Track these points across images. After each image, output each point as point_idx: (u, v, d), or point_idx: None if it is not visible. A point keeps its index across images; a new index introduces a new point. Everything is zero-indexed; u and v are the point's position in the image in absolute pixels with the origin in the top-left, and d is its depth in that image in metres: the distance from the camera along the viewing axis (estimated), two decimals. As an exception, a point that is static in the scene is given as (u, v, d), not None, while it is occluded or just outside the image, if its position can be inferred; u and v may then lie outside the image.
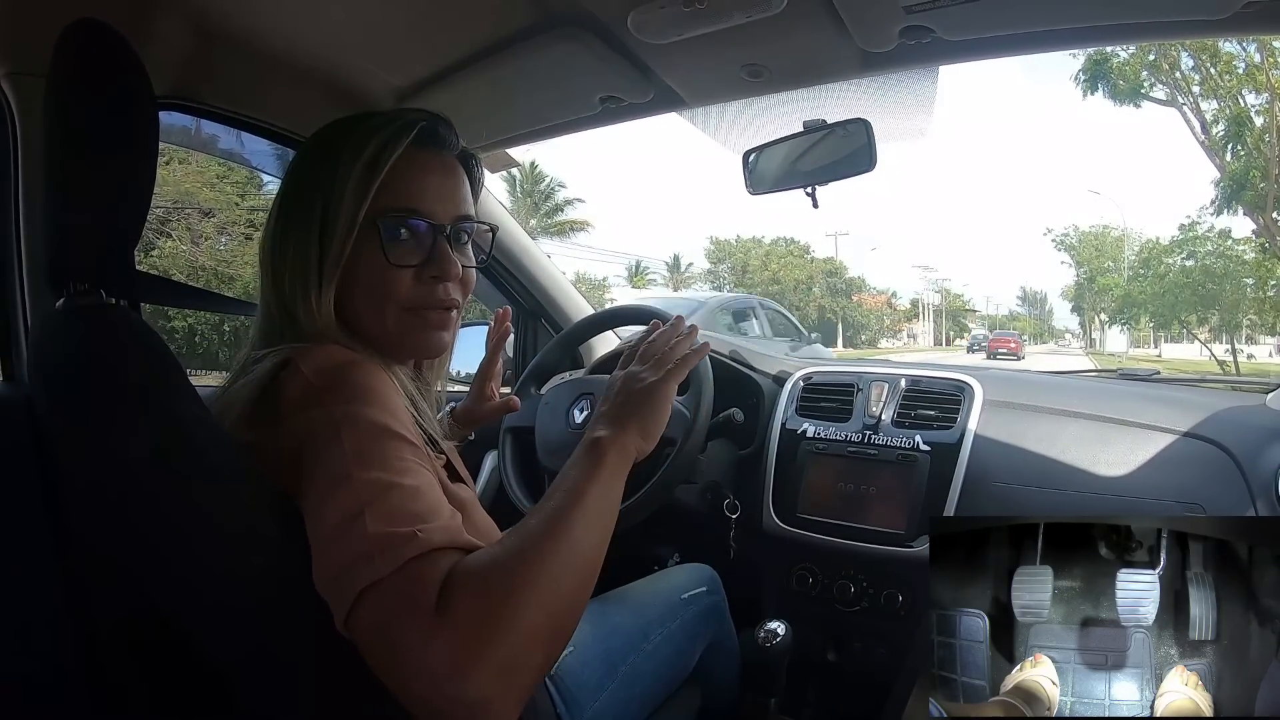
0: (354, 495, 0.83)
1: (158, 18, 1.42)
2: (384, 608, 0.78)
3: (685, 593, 1.67)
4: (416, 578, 0.79)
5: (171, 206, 17.72)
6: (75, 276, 0.98)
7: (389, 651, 0.77)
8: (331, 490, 0.85)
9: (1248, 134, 20.22)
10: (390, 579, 0.78)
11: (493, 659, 0.76)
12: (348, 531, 0.81)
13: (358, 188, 1.04)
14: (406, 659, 0.76)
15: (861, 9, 1.34)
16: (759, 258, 51.08)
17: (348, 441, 0.87)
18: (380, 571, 0.78)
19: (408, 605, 0.77)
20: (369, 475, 0.85)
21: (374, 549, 0.79)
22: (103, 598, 1.23)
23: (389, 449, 0.89)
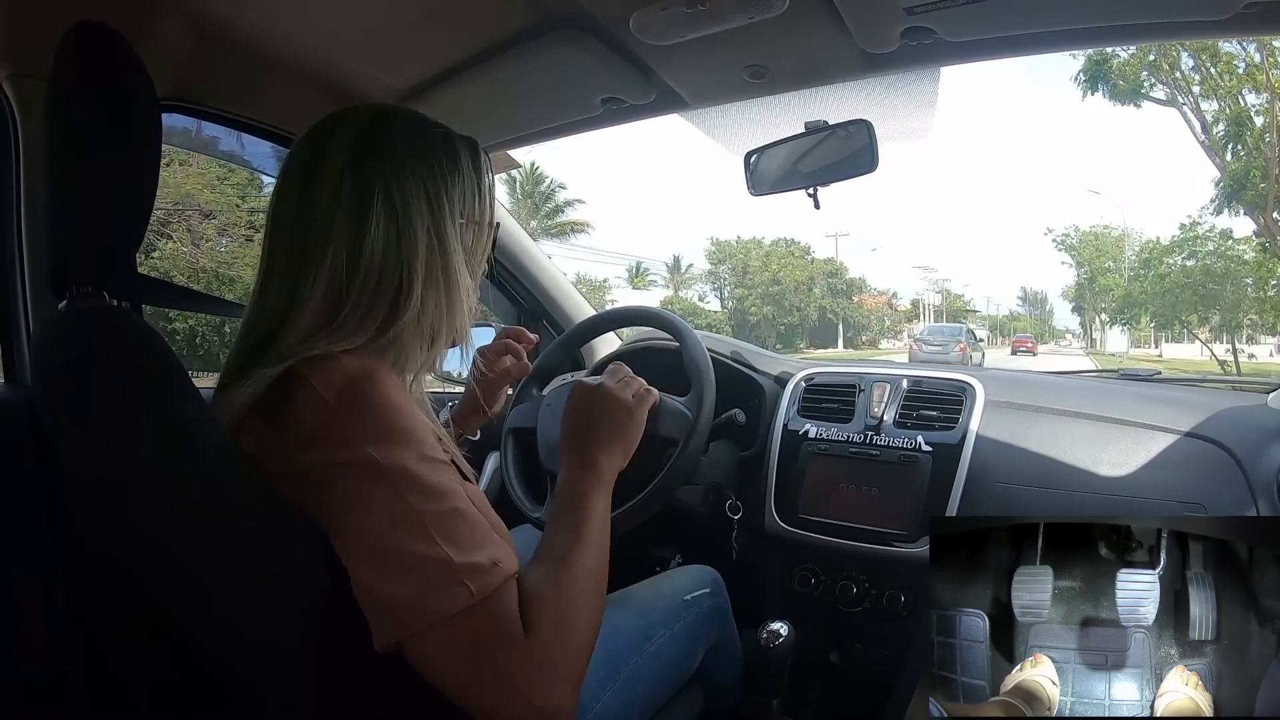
0: (420, 524, 0.88)
1: (158, 20, 1.42)
2: (474, 632, 0.86)
3: (688, 594, 1.67)
4: (503, 604, 0.88)
5: (172, 208, 17.75)
6: (77, 279, 0.98)
7: (478, 674, 0.86)
8: (391, 521, 0.88)
9: (1248, 134, 20.23)
10: (480, 606, 0.86)
11: (567, 673, 0.90)
12: (424, 559, 0.87)
13: (490, 199, 1.12)
14: (499, 678, 0.86)
15: (863, 10, 1.34)
16: (759, 259, 51.02)
17: (398, 478, 0.89)
18: (468, 599, 0.86)
19: (499, 629, 0.87)
20: (430, 506, 0.89)
21: (462, 576, 0.86)
22: (103, 598, 1.23)
23: (436, 476, 0.92)
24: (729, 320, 47.97)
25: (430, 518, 0.88)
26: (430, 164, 1.06)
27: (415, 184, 1.04)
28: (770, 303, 49.40)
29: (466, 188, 1.08)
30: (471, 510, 0.93)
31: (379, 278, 1.01)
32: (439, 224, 1.04)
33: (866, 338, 59.78)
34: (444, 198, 1.05)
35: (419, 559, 0.86)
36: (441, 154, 1.08)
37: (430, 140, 1.09)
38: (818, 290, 52.22)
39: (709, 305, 51.52)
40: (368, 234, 1.01)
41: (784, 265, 50.57)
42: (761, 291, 49.60)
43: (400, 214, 1.02)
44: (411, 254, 1.02)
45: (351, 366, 0.96)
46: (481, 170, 1.10)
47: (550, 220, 42.45)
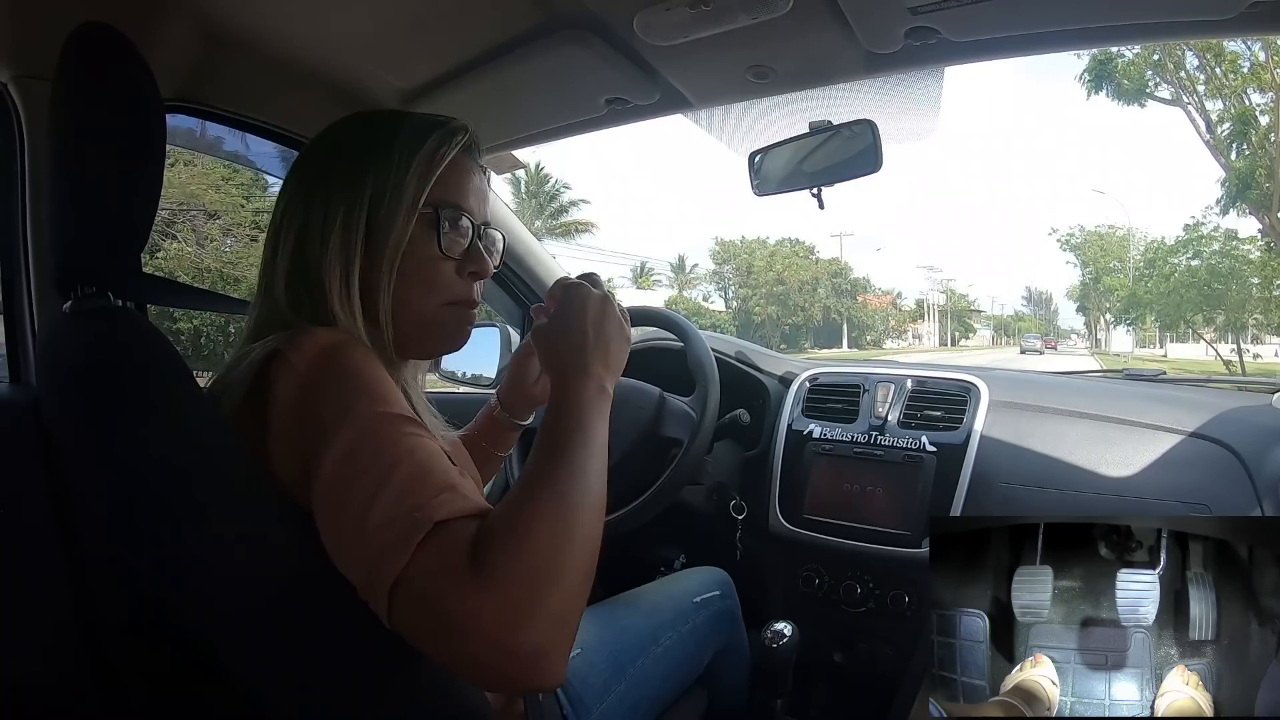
0: (354, 498, 0.83)
1: (163, 21, 1.42)
2: (418, 590, 0.78)
3: (698, 596, 1.67)
4: (440, 550, 0.79)
5: (177, 209, 17.77)
6: (82, 279, 0.98)
7: (435, 628, 0.78)
8: (336, 498, 0.85)
9: (1253, 133, 20.20)
10: (411, 566, 0.78)
11: (545, 607, 0.78)
12: (359, 536, 0.82)
13: (419, 176, 1.07)
14: (458, 629, 0.76)
15: (867, 10, 1.34)
16: (764, 259, 51.08)
17: (343, 442, 0.86)
18: (399, 563, 0.78)
19: (439, 581, 0.78)
20: (365, 475, 0.84)
21: (384, 545, 0.79)
22: (109, 599, 1.23)
23: (385, 433, 0.88)
24: (733, 320, 48.03)
25: (361, 484, 0.83)
26: (355, 157, 1.09)
27: (330, 179, 1.08)
28: (775, 303, 49.45)
29: (389, 176, 1.06)
30: (420, 462, 0.86)
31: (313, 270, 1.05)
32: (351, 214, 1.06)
33: (871, 338, 59.79)
34: (357, 189, 1.06)
35: (354, 539, 0.82)
36: (371, 145, 1.10)
37: (367, 133, 1.12)
38: (822, 290, 52.27)
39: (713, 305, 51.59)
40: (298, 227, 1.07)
41: (788, 265, 50.63)
42: (766, 291, 49.65)
43: (318, 208, 1.06)
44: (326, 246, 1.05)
45: (325, 337, 0.96)
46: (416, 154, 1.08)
47: (555, 220, 42.50)
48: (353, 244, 1.05)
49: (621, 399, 1.86)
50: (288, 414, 0.92)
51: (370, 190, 1.06)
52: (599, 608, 1.12)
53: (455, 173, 1.11)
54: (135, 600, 1.11)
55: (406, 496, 0.82)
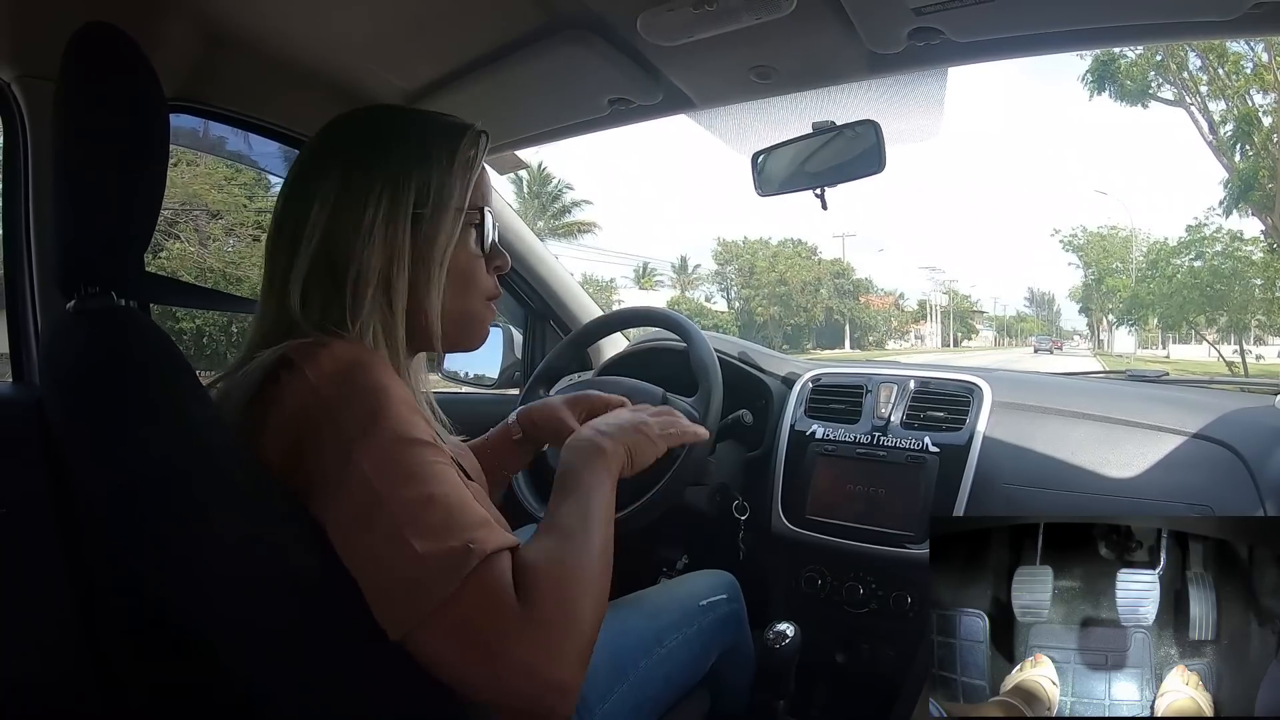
0: (392, 517, 0.85)
1: (165, 21, 1.42)
2: (461, 618, 0.83)
3: (704, 599, 1.66)
4: (488, 584, 0.84)
5: (179, 208, 17.78)
6: (86, 279, 0.98)
7: (476, 655, 0.83)
8: (366, 515, 0.87)
9: (1256, 134, 20.19)
10: (459, 592, 0.83)
11: (574, 646, 0.87)
12: (398, 555, 0.84)
13: (463, 178, 1.10)
14: (500, 657, 0.83)
15: (870, 11, 1.34)
16: (766, 259, 51.05)
17: (369, 462, 0.88)
18: (447, 589, 0.82)
19: (489, 611, 0.84)
20: (402, 493, 0.87)
21: (432, 569, 0.83)
22: (111, 598, 1.23)
23: (412, 459, 0.90)
24: (735, 321, 48.03)
25: (400, 507, 0.86)
26: (388, 154, 1.08)
27: (368, 176, 1.06)
28: (777, 303, 49.44)
29: (433, 176, 1.07)
30: (450, 493, 0.90)
31: (343, 270, 1.04)
32: (396, 213, 1.05)
33: (873, 338, 59.79)
34: (401, 187, 1.06)
35: (390, 558, 0.85)
36: (405, 143, 1.10)
37: (396, 130, 1.12)
38: (824, 291, 52.29)
39: (715, 306, 51.59)
40: (326, 227, 1.05)
41: (791, 266, 50.62)
42: (768, 292, 49.63)
43: (356, 206, 1.05)
44: (368, 245, 1.04)
45: (342, 353, 0.96)
46: (455, 157, 1.10)
47: (557, 220, 42.55)
48: (399, 243, 1.05)
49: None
50: (302, 427, 0.92)
51: (414, 189, 1.06)
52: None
53: (482, 175, 1.14)
54: (136, 600, 1.11)
55: (450, 525, 0.86)
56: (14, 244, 1.46)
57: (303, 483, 0.91)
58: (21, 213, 1.44)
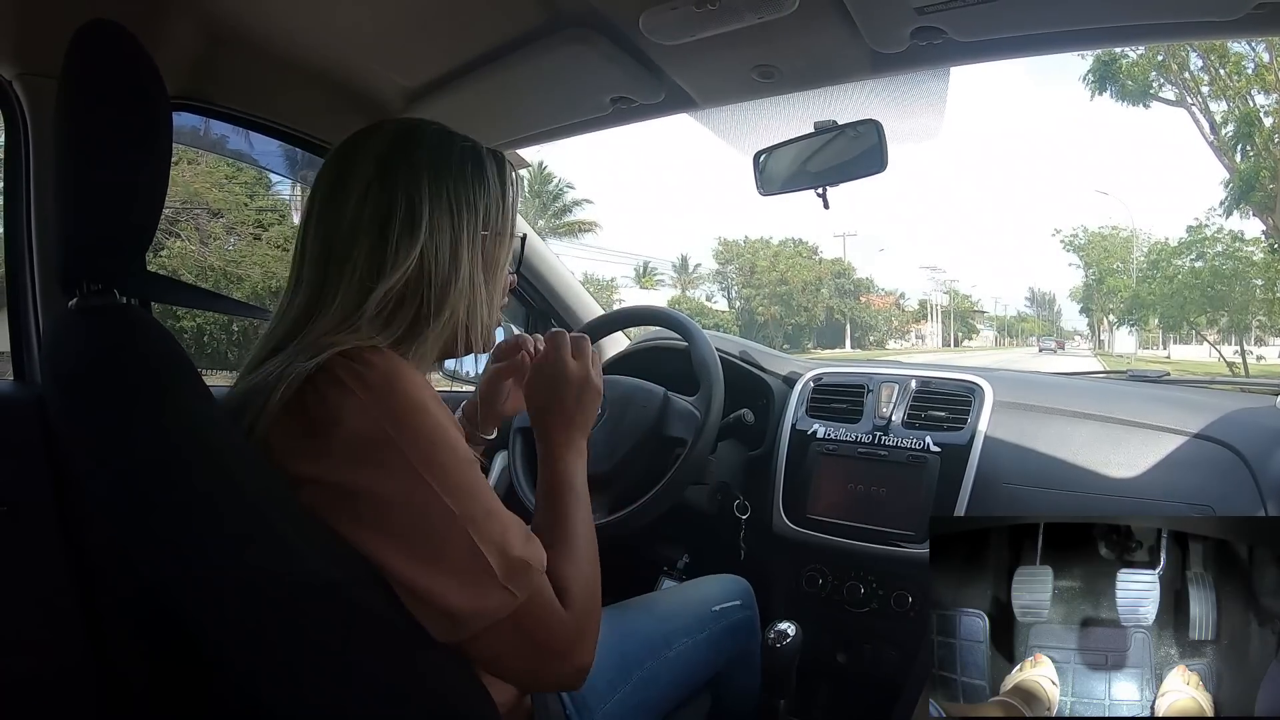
0: (463, 531, 0.92)
1: (168, 19, 1.42)
2: (524, 626, 0.96)
3: (717, 605, 1.66)
4: (544, 594, 0.99)
5: (180, 207, 17.77)
6: (88, 277, 0.98)
7: (534, 655, 0.99)
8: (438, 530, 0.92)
9: (1257, 134, 20.20)
10: (527, 605, 0.96)
11: (593, 634, 1.05)
12: (469, 566, 0.92)
13: (513, 206, 1.18)
14: (553, 655, 1.00)
15: (873, 10, 1.34)
16: (767, 258, 50.93)
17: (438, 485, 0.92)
18: (514, 602, 0.94)
19: (545, 617, 0.99)
20: (467, 509, 0.93)
21: (504, 581, 0.93)
22: (113, 596, 1.23)
23: (469, 476, 0.96)
24: (736, 320, 47.96)
25: (468, 522, 0.92)
26: (453, 176, 1.09)
27: (437, 195, 1.07)
28: (778, 303, 49.37)
29: (491, 200, 1.12)
30: (500, 506, 0.98)
31: (403, 285, 1.04)
32: (459, 234, 1.07)
33: (874, 338, 59.75)
34: (465, 209, 1.08)
35: (462, 567, 0.92)
36: (466, 166, 1.11)
37: (456, 153, 1.12)
38: (825, 290, 52.21)
39: (716, 305, 51.51)
40: (390, 243, 1.04)
41: (791, 265, 50.53)
42: (769, 291, 49.56)
43: (423, 225, 1.05)
44: (433, 264, 1.05)
45: (382, 365, 0.96)
46: (506, 183, 1.15)
47: (558, 219, 42.49)
48: (474, 262, 1.10)
49: (626, 398, 1.86)
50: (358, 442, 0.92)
51: (482, 212, 1.11)
52: (609, 610, 1.13)
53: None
54: (138, 597, 1.11)
55: (509, 539, 0.96)
56: (15, 242, 1.46)
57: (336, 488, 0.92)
58: (23, 210, 1.44)
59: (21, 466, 1.26)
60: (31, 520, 1.26)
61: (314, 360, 0.95)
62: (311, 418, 0.94)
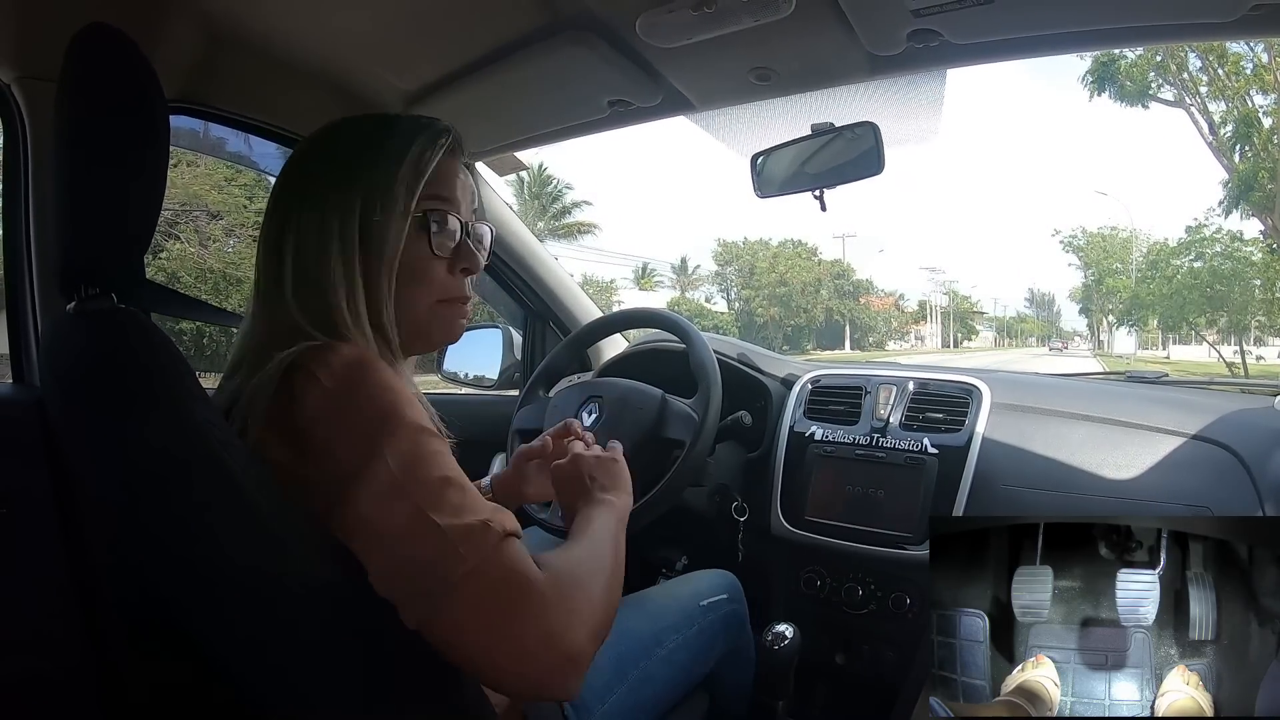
0: (412, 498, 0.88)
1: (167, 22, 1.42)
2: (486, 589, 0.86)
3: (705, 599, 1.66)
4: (510, 557, 0.88)
5: (179, 209, 17.79)
6: (86, 280, 0.99)
7: (499, 625, 0.86)
8: (390, 501, 0.88)
9: (1256, 135, 20.23)
10: (484, 565, 0.86)
11: (591, 617, 0.93)
12: (419, 532, 0.87)
13: (409, 180, 1.08)
14: (522, 625, 0.86)
15: (869, 12, 1.34)
16: (766, 260, 50.96)
17: (392, 451, 0.90)
18: (470, 561, 0.85)
19: (512, 581, 0.87)
20: (420, 476, 0.90)
21: (455, 542, 0.86)
22: (113, 597, 1.23)
23: (429, 446, 0.93)
24: (736, 322, 48.02)
25: (419, 492, 0.89)
26: (342, 165, 1.11)
27: (321, 187, 1.10)
28: (777, 304, 49.40)
29: (379, 181, 1.08)
30: (462, 477, 0.94)
31: (314, 280, 1.06)
32: (348, 221, 1.07)
33: (873, 339, 59.76)
34: (351, 196, 1.08)
35: (414, 535, 0.87)
36: (359, 151, 1.11)
37: (354, 139, 1.14)
38: (825, 292, 52.23)
39: (716, 306, 51.56)
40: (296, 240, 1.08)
41: (791, 266, 50.56)
42: (768, 293, 49.60)
43: (314, 217, 1.08)
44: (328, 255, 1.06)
45: (348, 354, 0.98)
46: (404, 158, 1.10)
47: (557, 221, 42.52)
48: (351, 253, 1.07)
49: (623, 400, 1.86)
50: (317, 425, 0.94)
51: (361, 198, 1.07)
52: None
53: (441, 174, 1.13)
54: (138, 600, 1.11)
55: (467, 505, 0.89)
56: (14, 245, 1.46)
57: (315, 479, 0.92)
58: (21, 214, 1.44)
59: (21, 468, 1.26)
60: (31, 522, 1.26)
61: (288, 354, 0.97)
62: (287, 412, 0.95)
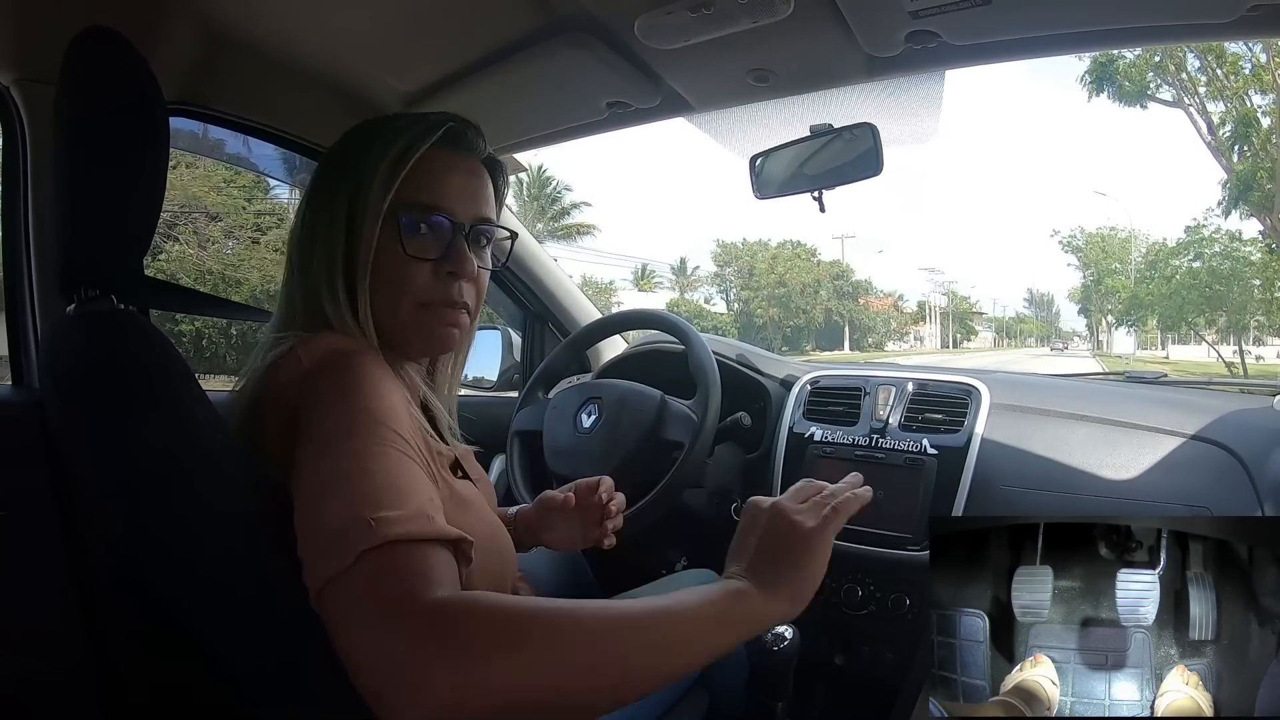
0: (319, 480, 0.84)
1: (167, 24, 1.42)
2: (345, 600, 0.75)
3: None
4: (401, 560, 0.76)
5: (179, 211, 17.80)
6: (86, 282, 0.99)
7: (369, 621, 0.74)
8: (305, 475, 0.86)
9: (1254, 135, 20.26)
10: (350, 572, 0.75)
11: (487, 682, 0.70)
12: (312, 521, 0.82)
13: (384, 180, 1.07)
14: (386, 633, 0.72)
15: (868, 14, 1.34)
16: (765, 261, 50.96)
17: (325, 424, 0.89)
18: (341, 564, 0.75)
19: (402, 582, 0.75)
20: (336, 461, 0.85)
21: (333, 539, 0.78)
22: (112, 598, 1.24)
23: (369, 433, 0.88)
24: (735, 323, 48.04)
25: (344, 474, 0.83)
26: (334, 165, 1.14)
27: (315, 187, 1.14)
28: (776, 305, 49.40)
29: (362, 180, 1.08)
30: (394, 476, 0.84)
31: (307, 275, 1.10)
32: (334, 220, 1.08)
33: (873, 340, 59.74)
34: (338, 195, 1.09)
35: (319, 516, 0.81)
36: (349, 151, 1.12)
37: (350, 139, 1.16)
38: (824, 292, 52.20)
39: (715, 307, 51.59)
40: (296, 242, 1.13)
41: (790, 267, 50.56)
42: (767, 294, 49.60)
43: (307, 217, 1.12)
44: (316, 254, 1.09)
45: (334, 343, 1.00)
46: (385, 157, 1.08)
47: (556, 223, 42.53)
48: (335, 254, 1.07)
49: (622, 402, 1.86)
50: (285, 401, 0.95)
51: (346, 198, 1.08)
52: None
53: (431, 171, 1.10)
54: (137, 600, 1.11)
55: (370, 501, 0.80)
56: (13, 247, 1.46)
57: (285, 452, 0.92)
58: (21, 216, 1.44)
59: (20, 471, 1.26)
60: (31, 523, 1.26)
61: (280, 338, 1.01)
62: (270, 389, 0.98)
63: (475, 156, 1.18)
